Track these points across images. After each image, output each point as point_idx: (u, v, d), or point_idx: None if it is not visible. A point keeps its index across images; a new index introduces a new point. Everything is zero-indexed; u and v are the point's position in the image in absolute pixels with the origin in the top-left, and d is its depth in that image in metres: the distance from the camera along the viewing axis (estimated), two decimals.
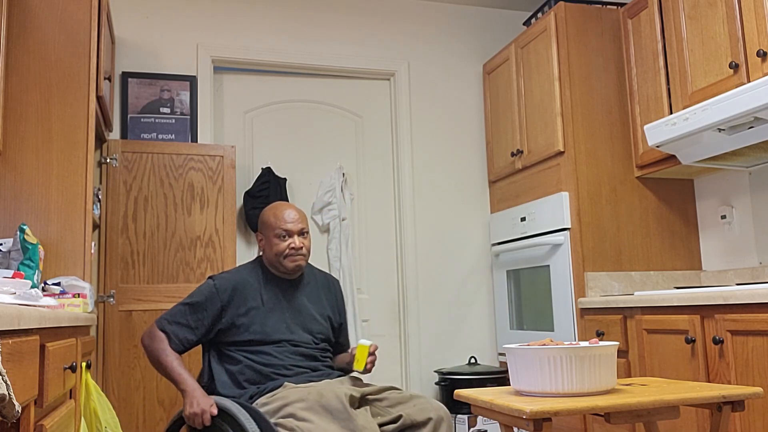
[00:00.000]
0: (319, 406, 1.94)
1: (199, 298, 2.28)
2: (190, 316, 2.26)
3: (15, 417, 1.07)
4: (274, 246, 2.32)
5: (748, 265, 3.12)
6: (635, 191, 3.34)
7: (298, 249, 2.31)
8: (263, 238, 2.38)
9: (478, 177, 4.15)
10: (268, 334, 2.25)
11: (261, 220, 2.39)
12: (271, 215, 2.35)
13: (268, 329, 2.25)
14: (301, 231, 2.34)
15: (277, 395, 2.08)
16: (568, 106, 3.33)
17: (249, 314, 2.26)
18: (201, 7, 3.80)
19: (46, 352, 1.55)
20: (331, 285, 2.51)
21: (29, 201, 2.55)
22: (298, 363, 2.24)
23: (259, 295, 2.31)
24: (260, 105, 3.95)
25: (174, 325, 2.26)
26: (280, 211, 2.35)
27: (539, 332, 3.45)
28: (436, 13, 4.24)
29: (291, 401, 1.99)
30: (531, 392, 1.51)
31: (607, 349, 1.49)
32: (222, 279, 2.31)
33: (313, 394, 1.99)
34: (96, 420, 2.32)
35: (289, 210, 2.36)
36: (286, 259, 2.31)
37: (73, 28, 2.68)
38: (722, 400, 1.50)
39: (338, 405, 1.93)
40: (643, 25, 3.22)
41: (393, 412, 2.05)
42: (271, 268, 2.37)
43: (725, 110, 2.53)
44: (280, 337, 2.26)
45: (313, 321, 2.35)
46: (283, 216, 2.33)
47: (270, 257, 2.34)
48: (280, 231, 2.31)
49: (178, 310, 2.27)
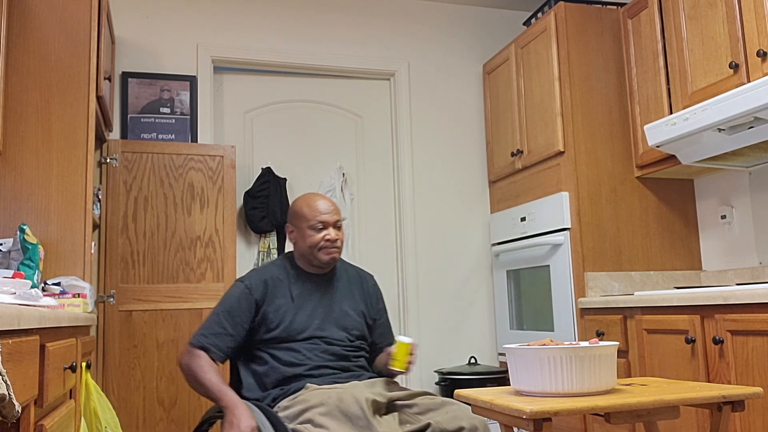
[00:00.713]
0: (338, 412, 1.84)
1: (232, 302, 2.16)
2: (227, 322, 2.13)
3: (15, 417, 1.07)
4: (308, 238, 2.19)
5: (748, 265, 3.12)
6: (635, 191, 3.34)
7: (334, 241, 2.19)
8: (295, 229, 2.25)
9: (478, 177, 4.15)
10: (297, 331, 2.14)
11: (293, 211, 2.27)
12: (304, 205, 2.23)
13: (297, 326, 2.14)
14: (336, 222, 2.22)
15: (298, 398, 1.98)
16: (568, 106, 3.33)
17: (279, 311, 2.15)
18: (201, 7, 3.80)
19: (46, 352, 1.54)
20: (365, 280, 2.38)
21: (29, 201, 2.55)
22: (327, 362, 2.13)
23: (288, 290, 2.20)
24: (260, 105, 3.95)
25: (211, 337, 2.11)
26: (314, 201, 2.23)
27: (539, 332, 3.45)
28: (436, 13, 4.24)
29: (311, 405, 1.90)
30: (531, 392, 1.51)
31: (607, 349, 1.49)
32: (251, 278, 2.21)
33: (332, 398, 1.89)
34: (96, 420, 2.32)
35: (323, 200, 2.24)
36: (321, 252, 2.19)
37: (73, 28, 2.68)
38: (722, 400, 1.50)
39: (357, 411, 1.83)
40: (643, 25, 3.22)
41: (422, 420, 1.92)
42: (302, 262, 2.26)
43: (725, 110, 2.53)
44: (310, 334, 2.14)
45: (346, 317, 2.23)
46: (318, 206, 2.21)
47: (303, 249, 2.22)
48: (315, 222, 2.19)
49: (213, 321, 2.14)
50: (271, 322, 2.14)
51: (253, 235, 3.80)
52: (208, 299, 3.39)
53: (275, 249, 3.75)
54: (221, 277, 3.43)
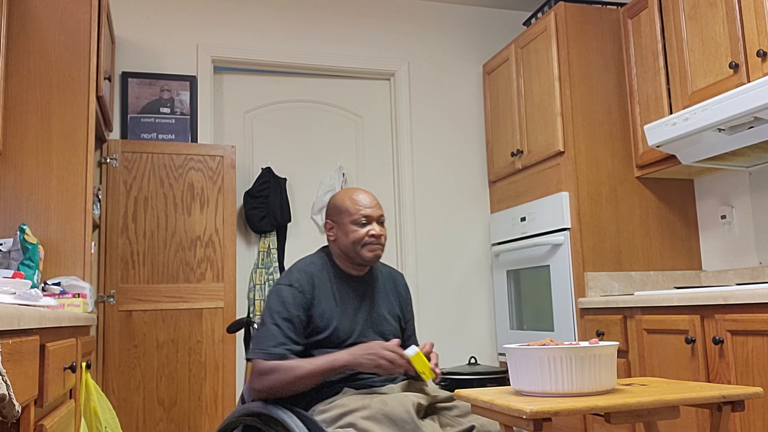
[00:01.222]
0: (382, 416, 1.75)
1: (289, 309, 1.97)
2: (290, 331, 1.95)
3: (15, 417, 1.07)
4: (351, 233, 2.06)
5: (748, 265, 3.12)
6: (635, 191, 3.34)
7: (378, 237, 2.08)
8: (335, 225, 2.11)
9: (478, 177, 4.15)
10: (342, 338, 2.01)
11: (333, 205, 2.13)
12: (347, 199, 2.10)
13: (341, 333, 2.02)
14: (380, 218, 2.11)
15: (335, 402, 1.88)
16: (568, 106, 3.33)
17: (324, 315, 2.02)
18: (201, 7, 3.80)
19: (46, 352, 1.55)
20: (397, 280, 2.28)
21: (29, 201, 2.55)
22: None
23: (332, 293, 2.07)
24: (260, 105, 3.95)
25: (279, 347, 1.92)
26: (357, 194, 2.11)
27: (539, 332, 3.45)
28: (436, 13, 4.24)
29: (351, 409, 1.80)
30: (531, 392, 1.51)
31: (607, 349, 1.49)
32: (299, 280, 2.03)
33: (375, 401, 1.80)
34: (96, 420, 2.32)
35: (366, 194, 2.12)
36: (365, 248, 2.07)
37: (73, 28, 2.68)
38: (722, 400, 1.50)
39: (404, 414, 1.74)
40: (643, 25, 3.22)
41: (464, 423, 1.86)
42: (341, 260, 2.13)
43: (725, 110, 2.53)
44: (353, 341, 2.02)
45: (384, 321, 2.13)
46: (362, 200, 2.09)
47: (345, 246, 2.08)
48: (359, 217, 2.06)
49: (274, 332, 1.94)
50: (316, 327, 2.01)
51: (253, 235, 3.80)
52: (208, 299, 3.39)
53: (275, 249, 3.75)
54: (221, 277, 3.43)
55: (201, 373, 3.32)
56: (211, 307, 3.39)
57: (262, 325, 1.99)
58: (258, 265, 3.71)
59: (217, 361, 3.35)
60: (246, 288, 3.73)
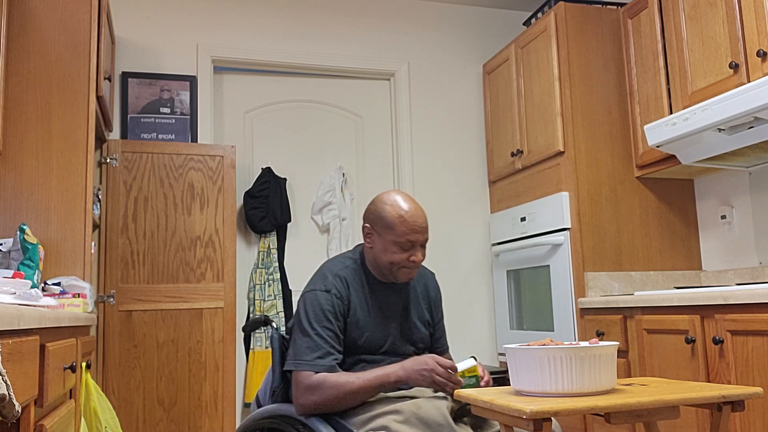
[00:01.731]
0: (416, 419, 1.68)
1: (329, 316, 1.87)
2: (334, 341, 1.86)
3: (15, 417, 1.07)
4: (390, 253, 1.92)
5: (748, 265, 3.12)
6: (635, 191, 3.34)
7: (418, 263, 1.94)
8: (375, 234, 1.95)
9: (478, 177, 4.15)
10: (373, 349, 1.94)
11: (379, 214, 1.94)
12: (395, 215, 1.91)
13: (374, 343, 1.94)
14: (425, 242, 1.95)
15: (364, 404, 1.81)
16: (568, 106, 3.33)
17: (359, 324, 1.93)
18: (201, 7, 3.80)
19: (46, 352, 1.54)
20: (428, 281, 2.16)
21: (29, 201, 2.55)
22: None
23: (365, 301, 1.96)
24: (260, 105, 3.95)
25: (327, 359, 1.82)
26: (408, 213, 1.91)
27: (539, 332, 3.45)
28: (436, 13, 4.24)
29: (383, 412, 1.74)
30: (531, 392, 1.51)
31: (607, 349, 1.49)
32: (335, 285, 1.92)
33: (408, 405, 1.72)
34: (96, 420, 2.32)
35: (416, 213, 1.92)
36: (400, 271, 1.94)
37: (73, 28, 2.68)
38: (722, 400, 1.50)
39: (440, 418, 1.68)
40: (643, 25, 3.22)
41: (495, 425, 1.81)
42: (374, 269, 2.00)
43: (725, 110, 2.53)
44: (384, 350, 1.95)
45: (414, 329, 2.04)
46: (413, 222, 1.90)
47: (380, 262, 1.95)
48: (406, 241, 1.90)
49: (318, 342, 1.83)
50: (350, 335, 1.92)
51: (253, 235, 3.80)
52: (208, 299, 3.39)
53: (275, 249, 3.75)
54: (221, 277, 3.43)
55: (201, 373, 3.32)
56: (211, 307, 3.39)
57: (300, 333, 1.86)
58: (258, 265, 3.71)
59: (217, 361, 3.35)
60: (246, 288, 3.73)
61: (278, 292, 3.68)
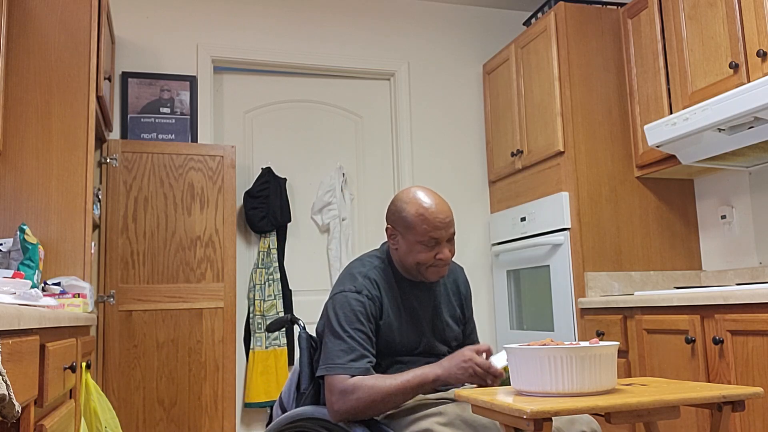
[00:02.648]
0: (461, 421, 1.62)
1: (361, 318, 1.79)
2: (368, 343, 1.78)
3: (15, 417, 1.07)
4: (415, 253, 1.83)
5: (748, 265, 3.12)
6: (635, 191, 3.34)
7: (446, 260, 1.85)
8: (399, 235, 1.86)
9: (478, 177, 4.15)
10: (407, 351, 1.87)
11: (399, 214, 1.86)
12: (414, 213, 1.82)
13: (407, 345, 1.87)
14: (451, 236, 1.86)
15: (405, 406, 1.75)
16: (568, 106, 3.33)
17: (392, 326, 1.86)
18: (201, 7, 3.80)
19: (46, 352, 1.54)
20: (458, 276, 2.08)
21: (29, 201, 2.55)
22: None
23: (396, 303, 1.89)
24: (260, 105, 3.95)
25: (361, 361, 1.74)
26: (430, 210, 1.81)
27: (539, 332, 3.45)
28: (436, 13, 4.24)
29: (425, 414, 1.67)
30: (531, 392, 1.51)
31: (607, 349, 1.49)
32: (366, 287, 1.85)
33: (451, 406, 1.67)
34: (96, 420, 2.32)
35: (438, 207, 1.82)
36: (429, 270, 1.85)
37: (73, 28, 2.68)
38: (722, 400, 1.50)
39: (485, 419, 1.61)
40: (643, 25, 3.22)
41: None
42: (403, 270, 1.92)
43: (725, 110, 2.53)
44: (417, 352, 1.89)
45: (447, 328, 1.97)
46: (434, 218, 1.81)
47: (406, 263, 1.87)
48: (429, 239, 1.81)
49: (351, 345, 1.75)
50: (383, 338, 1.85)
51: (253, 235, 3.80)
52: (208, 299, 3.39)
53: (275, 249, 3.75)
54: (221, 277, 3.43)
55: (201, 373, 3.32)
56: (211, 307, 3.39)
57: (331, 335, 1.78)
58: (258, 265, 3.71)
59: (217, 361, 3.35)
60: (246, 288, 3.73)
61: (278, 292, 3.68)
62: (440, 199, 1.85)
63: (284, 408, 2.01)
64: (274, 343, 3.61)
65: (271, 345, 3.60)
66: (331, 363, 1.74)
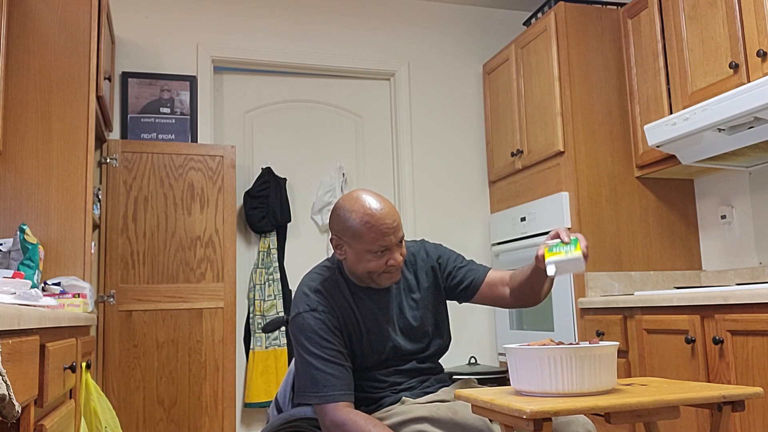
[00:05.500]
0: (453, 425, 1.60)
1: (323, 335, 1.73)
2: (338, 357, 1.72)
3: (15, 417, 1.07)
4: (365, 262, 1.74)
5: (748, 265, 3.12)
6: (635, 191, 3.34)
7: (398, 265, 1.76)
8: (344, 245, 1.77)
9: (478, 177, 4.15)
10: (372, 362, 1.81)
11: (342, 225, 1.75)
12: (360, 221, 1.71)
13: (371, 357, 1.81)
14: (400, 240, 1.76)
15: (394, 410, 1.72)
16: (568, 106, 3.33)
17: (351, 338, 1.79)
18: (201, 7, 3.80)
19: (46, 352, 1.54)
20: (418, 258, 1.94)
21: (29, 201, 2.55)
22: (405, 380, 1.83)
23: (353, 313, 1.80)
24: (260, 105, 3.95)
25: (335, 385, 1.68)
26: (375, 214, 1.71)
27: (539, 332, 3.45)
28: (436, 13, 4.24)
29: (416, 417, 1.64)
30: (531, 392, 1.51)
31: (607, 349, 1.49)
32: (319, 302, 1.78)
33: (443, 410, 1.63)
34: (96, 420, 2.32)
35: (382, 212, 1.72)
36: (382, 276, 1.76)
37: (73, 28, 2.68)
38: (722, 400, 1.50)
39: (478, 422, 1.60)
40: (643, 25, 3.22)
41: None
42: (355, 278, 1.83)
43: (725, 110, 2.53)
44: (384, 359, 1.82)
45: (412, 329, 1.86)
46: (381, 224, 1.70)
47: (357, 272, 1.78)
48: (378, 247, 1.71)
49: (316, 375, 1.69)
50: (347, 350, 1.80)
51: (253, 235, 3.80)
52: (208, 299, 3.39)
53: (275, 249, 3.75)
54: (221, 277, 3.43)
55: (201, 373, 3.32)
56: (211, 307, 3.39)
57: (301, 363, 1.73)
58: (258, 265, 3.71)
59: (217, 361, 3.35)
60: (246, 288, 3.73)
61: (278, 292, 3.68)
62: (386, 203, 1.76)
63: (280, 408, 2.01)
64: (274, 343, 3.61)
65: (271, 345, 3.61)
66: (309, 392, 1.70)
